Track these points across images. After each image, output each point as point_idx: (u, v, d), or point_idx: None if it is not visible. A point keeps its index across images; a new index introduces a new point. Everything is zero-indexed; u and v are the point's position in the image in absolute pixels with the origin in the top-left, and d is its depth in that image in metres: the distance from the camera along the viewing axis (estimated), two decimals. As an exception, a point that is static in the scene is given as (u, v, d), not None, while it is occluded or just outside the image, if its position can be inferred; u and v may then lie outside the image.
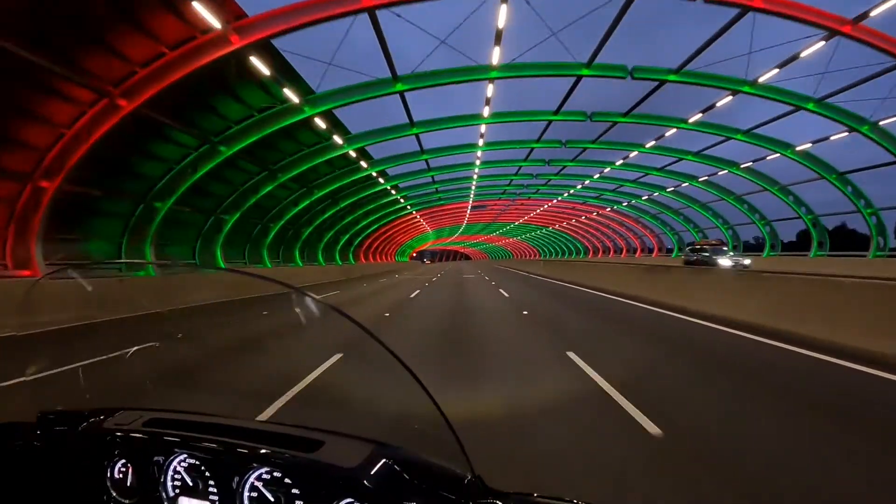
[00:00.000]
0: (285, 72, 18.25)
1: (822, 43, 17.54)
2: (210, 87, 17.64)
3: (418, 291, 23.08)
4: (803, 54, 18.29)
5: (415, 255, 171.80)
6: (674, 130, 27.92)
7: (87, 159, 16.03)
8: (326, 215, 39.85)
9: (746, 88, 21.31)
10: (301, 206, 34.21)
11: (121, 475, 1.57)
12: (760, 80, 20.51)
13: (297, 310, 1.66)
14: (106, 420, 1.71)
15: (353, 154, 28.28)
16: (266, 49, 15.76)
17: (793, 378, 6.59)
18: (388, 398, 4.88)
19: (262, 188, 27.63)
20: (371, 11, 14.44)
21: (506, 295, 20.30)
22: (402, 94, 20.87)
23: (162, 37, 14.57)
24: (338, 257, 52.76)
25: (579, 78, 20.90)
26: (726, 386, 6.30)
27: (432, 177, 41.19)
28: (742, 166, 34.65)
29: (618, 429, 4.76)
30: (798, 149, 29.09)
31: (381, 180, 38.00)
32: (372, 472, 1.32)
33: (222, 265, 28.82)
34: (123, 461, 1.58)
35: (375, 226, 55.03)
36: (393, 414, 4.14)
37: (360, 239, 56.06)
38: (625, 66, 20.52)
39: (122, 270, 18.90)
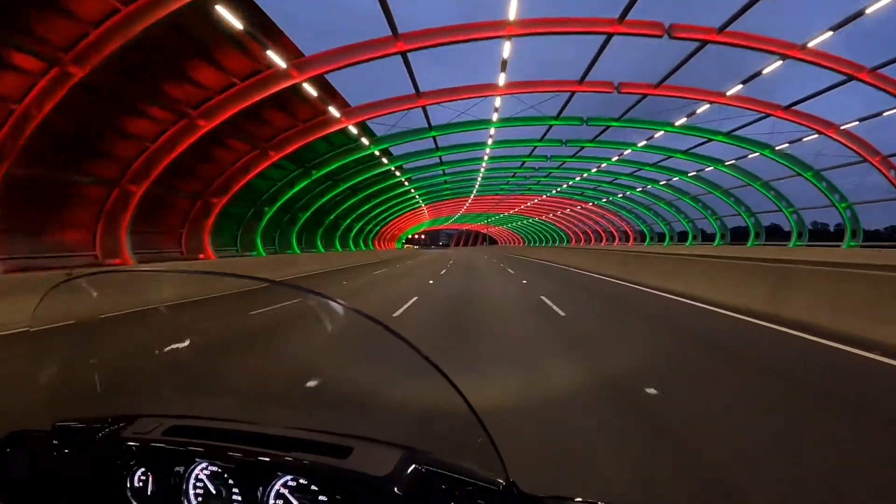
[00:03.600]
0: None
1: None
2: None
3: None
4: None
5: (420, 237, 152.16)
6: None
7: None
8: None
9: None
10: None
11: (140, 484, 1.54)
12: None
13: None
14: (124, 429, 1.67)
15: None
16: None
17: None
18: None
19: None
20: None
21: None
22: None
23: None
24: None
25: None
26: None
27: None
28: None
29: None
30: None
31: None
32: (402, 480, 1.32)
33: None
34: (143, 471, 1.55)
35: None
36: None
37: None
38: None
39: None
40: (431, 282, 21.52)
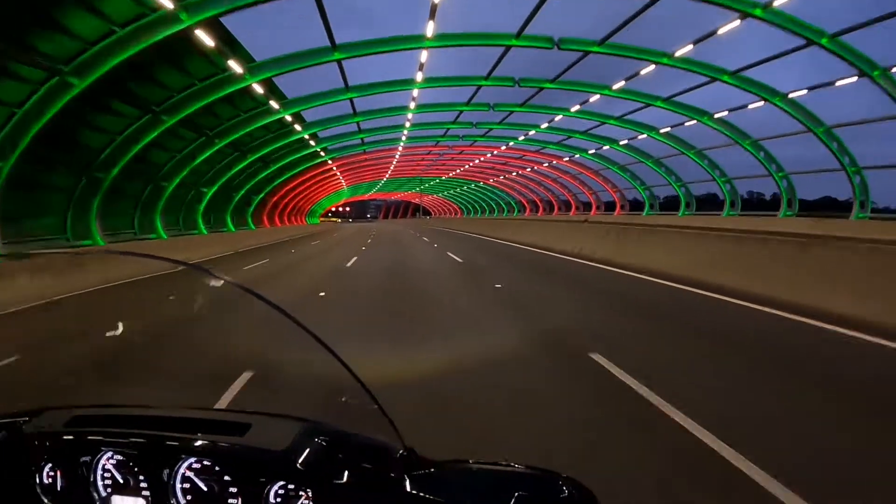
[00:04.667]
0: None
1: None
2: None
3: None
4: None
5: (343, 209, 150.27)
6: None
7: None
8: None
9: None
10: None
11: (50, 479, 1.50)
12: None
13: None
14: (28, 423, 1.63)
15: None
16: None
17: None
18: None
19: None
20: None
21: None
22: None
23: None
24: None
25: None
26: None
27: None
28: (716, 114, 35.04)
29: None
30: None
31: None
32: (302, 453, 1.33)
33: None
34: (50, 465, 1.50)
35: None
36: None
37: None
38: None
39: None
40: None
